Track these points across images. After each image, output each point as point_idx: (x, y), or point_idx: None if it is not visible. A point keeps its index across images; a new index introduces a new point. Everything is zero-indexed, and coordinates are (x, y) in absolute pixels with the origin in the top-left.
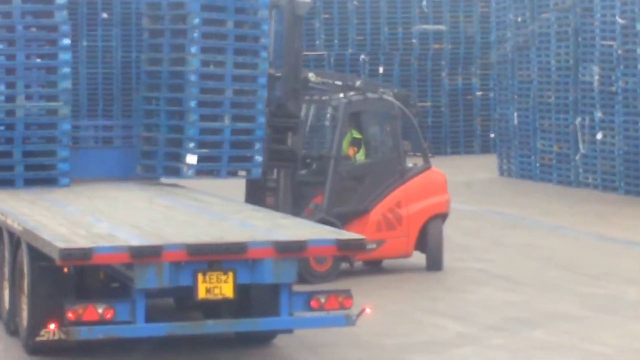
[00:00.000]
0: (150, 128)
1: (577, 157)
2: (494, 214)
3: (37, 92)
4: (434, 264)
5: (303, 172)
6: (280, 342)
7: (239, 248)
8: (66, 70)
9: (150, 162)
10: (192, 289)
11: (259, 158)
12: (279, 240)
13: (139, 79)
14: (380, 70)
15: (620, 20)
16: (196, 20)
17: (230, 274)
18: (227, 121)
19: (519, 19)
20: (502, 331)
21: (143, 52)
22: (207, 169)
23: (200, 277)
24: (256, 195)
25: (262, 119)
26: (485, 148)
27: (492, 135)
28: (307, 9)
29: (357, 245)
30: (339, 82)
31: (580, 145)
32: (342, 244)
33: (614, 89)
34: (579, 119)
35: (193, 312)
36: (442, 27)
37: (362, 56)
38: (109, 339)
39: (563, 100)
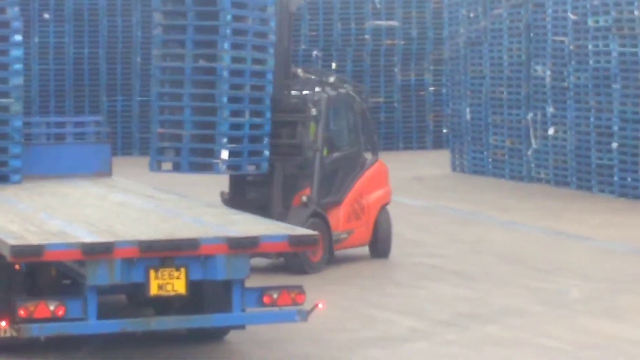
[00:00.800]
0: (165, 124)
1: (529, 153)
2: (447, 210)
3: None
4: (384, 252)
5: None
6: (233, 338)
7: (191, 244)
8: (18, 66)
9: (170, 158)
10: (144, 286)
11: (266, 152)
12: (231, 236)
13: (91, 75)
14: (333, 66)
15: (571, 16)
16: (229, 17)
17: (183, 271)
18: (247, 116)
19: (471, 15)
20: (455, 326)
21: (155, 47)
22: (233, 164)
23: (152, 273)
24: (239, 189)
25: (269, 114)
26: (438, 144)
27: (444, 130)
28: (299, 5)
29: (309, 241)
30: (315, 77)
31: (533, 141)
32: (295, 240)
33: (565, 84)
34: (530, 114)
35: (145, 308)
36: (394, 23)
37: (315, 52)
38: (60, 336)
39: (515, 96)
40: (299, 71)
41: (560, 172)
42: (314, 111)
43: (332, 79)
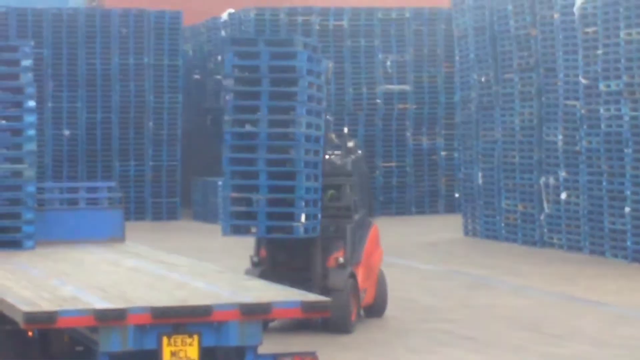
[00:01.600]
0: (238, 188)
1: (542, 217)
2: (460, 274)
3: (2, 154)
4: (380, 311)
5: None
6: None
7: (203, 311)
8: (31, 132)
9: (245, 222)
10: (157, 353)
11: (319, 215)
12: (244, 302)
13: (104, 140)
14: (345, 130)
15: (583, 81)
16: (305, 83)
17: (196, 337)
18: (316, 181)
19: (483, 79)
20: None
21: (226, 114)
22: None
23: (165, 340)
24: (275, 251)
25: (321, 178)
26: (450, 208)
27: (456, 195)
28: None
29: (321, 307)
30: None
31: (545, 205)
32: (307, 306)
33: (577, 148)
34: (543, 179)
35: None
36: (406, 87)
37: (327, 116)
38: None
39: (527, 160)
40: (333, 136)
41: (573, 237)
42: (355, 175)
43: (351, 144)
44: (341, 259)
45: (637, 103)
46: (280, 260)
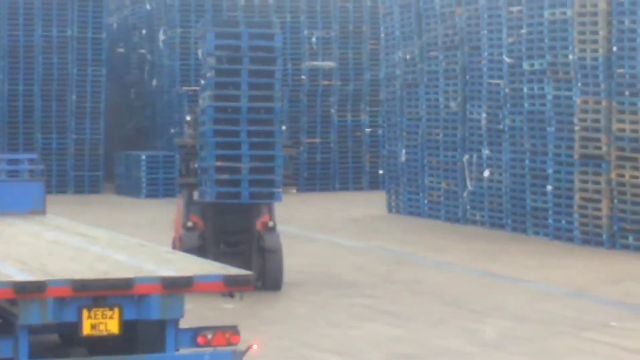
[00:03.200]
0: (221, 158)
1: (465, 195)
2: (383, 250)
3: None
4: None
5: None
6: None
7: (124, 284)
8: None
9: (227, 189)
10: (77, 325)
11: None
12: (166, 275)
13: (26, 112)
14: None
15: (507, 59)
16: (281, 62)
17: (116, 310)
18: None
19: (408, 57)
20: None
21: (207, 89)
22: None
23: (85, 313)
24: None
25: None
26: (374, 185)
27: (380, 172)
28: None
29: (244, 281)
30: None
31: (468, 183)
32: (230, 280)
33: (500, 127)
34: (466, 157)
35: (78, 348)
36: (331, 64)
37: None
38: None
39: (451, 138)
40: None
41: (495, 214)
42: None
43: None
44: (271, 223)
45: (560, 82)
46: (217, 225)
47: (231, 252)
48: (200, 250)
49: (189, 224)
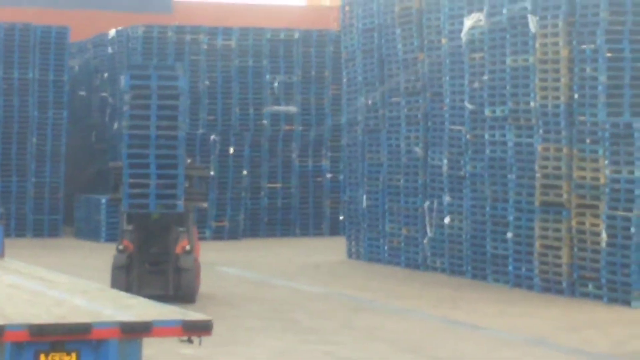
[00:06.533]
0: (134, 176)
1: (425, 241)
2: (343, 297)
3: None
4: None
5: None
6: None
7: (83, 328)
8: None
9: (140, 201)
10: None
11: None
12: (124, 320)
13: None
14: (231, 150)
15: (468, 106)
16: (185, 99)
17: (74, 355)
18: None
19: (370, 102)
20: None
21: (124, 120)
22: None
23: (42, 358)
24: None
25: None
26: (335, 230)
27: (341, 217)
28: None
29: (203, 327)
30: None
31: (428, 229)
32: (189, 325)
33: (462, 173)
34: (427, 203)
35: None
36: (293, 109)
37: (213, 136)
38: None
39: (412, 184)
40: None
41: (455, 261)
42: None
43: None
44: (188, 247)
45: (521, 129)
46: (142, 249)
47: (154, 270)
48: (128, 269)
49: (120, 247)
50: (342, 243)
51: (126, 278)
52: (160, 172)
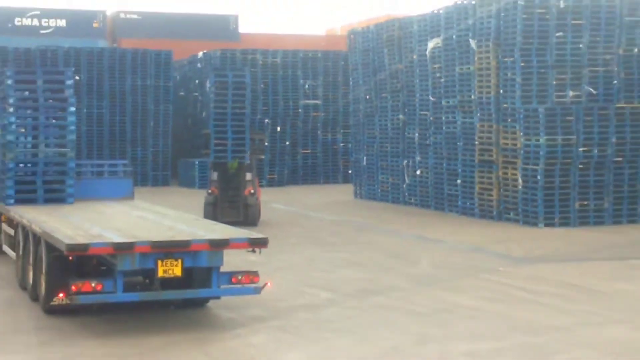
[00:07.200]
0: (218, 138)
1: (404, 186)
2: (351, 222)
3: (53, 142)
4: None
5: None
6: (211, 305)
7: (185, 244)
8: (72, 128)
9: (221, 154)
10: (154, 270)
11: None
12: (211, 238)
13: (120, 134)
14: (278, 129)
15: (431, 98)
16: (247, 89)
17: (180, 261)
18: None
19: (367, 97)
20: (356, 297)
21: (211, 102)
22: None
23: (159, 262)
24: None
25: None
26: (346, 180)
27: (350, 171)
28: None
29: (262, 242)
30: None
31: (406, 178)
32: (253, 241)
33: (428, 142)
34: (405, 161)
35: (155, 285)
36: (318, 102)
37: (267, 120)
38: (98, 303)
39: (395, 149)
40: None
41: (424, 198)
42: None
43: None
44: (252, 191)
45: (465, 113)
46: (223, 192)
47: (230, 206)
48: (214, 205)
49: (209, 191)
50: (350, 188)
51: (213, 211)
52: (233, 135)
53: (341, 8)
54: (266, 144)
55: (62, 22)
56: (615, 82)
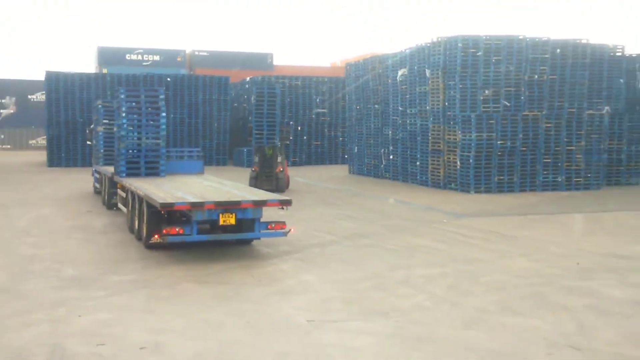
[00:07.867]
0: (257, 130)
1: (382, 166)
2: (347, 190)
3: (151, 136)
4: (285, 188)
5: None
6: (255, 243)
7: (237, 203)
8: (163, 127)
9: (260, 141)
10: (217, 220)
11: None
12: (255, 199)
13: (195, 130)
14: (299, 128)
15: (400, 108)
16: (278, 98)
17: (234, 214)
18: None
19: (358, 107)
20: (350, 239)
21: (253, 107)
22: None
23: (220, 215)
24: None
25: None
26: (344, 161)
27: (346, 156)
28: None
29: (288, 202)
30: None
31: (383, 161)
32: (283, 201)
33: (397, 137)
34: (382, 150)
35: (218, 230)
36: (325, 111)
37: (291, 122)
38: (181, 242)
39: (375, 142)
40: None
41: (395, 174)
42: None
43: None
44: (282, 169)
45: (423, 118)
46: (262, 169)
47: (267, 179)
48: (256, 178)
49: (253, 169)
50: (346, 167)
51: (255, 182)
52: (267, 129)
53: (341, 48)
54: (290, 137)
55: (157, 57)
56: (522, 97)
